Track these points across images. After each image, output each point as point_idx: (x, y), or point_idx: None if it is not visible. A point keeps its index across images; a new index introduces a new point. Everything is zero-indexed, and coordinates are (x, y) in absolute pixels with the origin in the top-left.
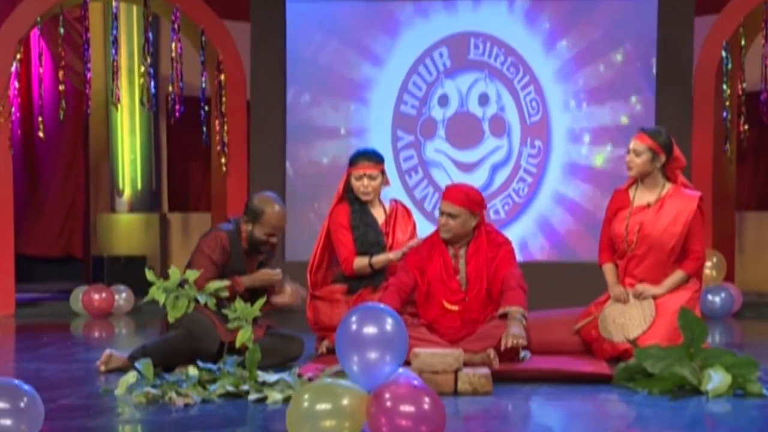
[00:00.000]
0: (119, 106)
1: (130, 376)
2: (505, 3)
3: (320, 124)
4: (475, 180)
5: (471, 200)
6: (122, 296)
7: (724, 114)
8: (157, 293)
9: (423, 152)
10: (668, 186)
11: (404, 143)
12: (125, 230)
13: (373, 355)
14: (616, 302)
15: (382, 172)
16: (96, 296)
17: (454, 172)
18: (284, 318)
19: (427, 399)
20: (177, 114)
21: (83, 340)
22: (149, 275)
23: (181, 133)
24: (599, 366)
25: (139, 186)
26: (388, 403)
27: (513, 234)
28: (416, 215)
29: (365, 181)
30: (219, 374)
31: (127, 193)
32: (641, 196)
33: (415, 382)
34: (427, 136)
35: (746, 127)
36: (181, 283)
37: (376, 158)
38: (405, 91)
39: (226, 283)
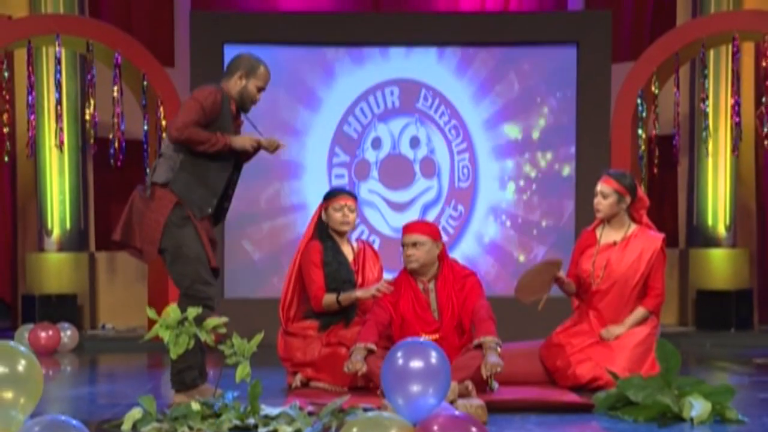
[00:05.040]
0: (49, 148)
1: (136, 412)
2: (434, 52)
3: (256, 164)
4: (408, 219)
5: (431, 229)
6: (67, 334)
7: (639, 158)
8: (161, 331)
9: (357, 193)
10: (633, 226)
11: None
12: (55, 269)
13: (416, 388)
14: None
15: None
16: (42, 334)
17: (388, 211)
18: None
19: (474, 429)
20: (119, 161)
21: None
22: (150, 313)
23: (109, 174)
24: (572, 395)
25: (68, 226)
26: None
27: None
28: None
29: (345, 211)
30: (219, 409)
31: (56, 232)
32: (608, 235)
33: (457, 413)
34: (361, 177)
35: (656, 170)
36: (182, 321)
37: (352, 194)
38: (340, 134)
39: (224, 320)
